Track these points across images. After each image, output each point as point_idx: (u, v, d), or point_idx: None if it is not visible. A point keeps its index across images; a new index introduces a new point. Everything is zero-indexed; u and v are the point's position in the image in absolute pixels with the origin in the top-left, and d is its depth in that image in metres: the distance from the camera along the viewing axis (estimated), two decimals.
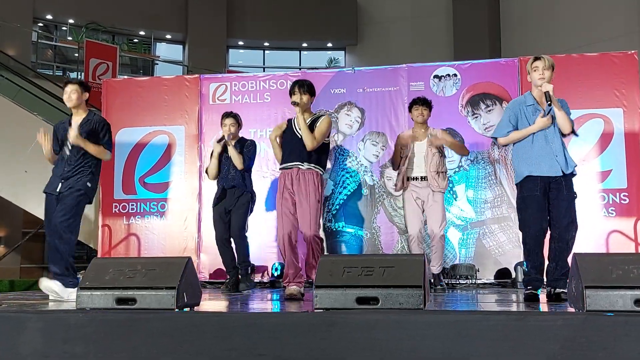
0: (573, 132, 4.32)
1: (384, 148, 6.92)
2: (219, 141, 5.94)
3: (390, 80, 6.99)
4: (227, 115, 5.90)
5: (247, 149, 5.84)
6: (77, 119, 5.11)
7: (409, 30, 17.92)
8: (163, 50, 19.13)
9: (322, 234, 5.23)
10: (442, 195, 5.64)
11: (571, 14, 15.02)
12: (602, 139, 6.40)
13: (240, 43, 19.23)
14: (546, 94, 4.16)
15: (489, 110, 6.74)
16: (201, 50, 17.76)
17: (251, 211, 5.88)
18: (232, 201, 5.76)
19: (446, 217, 5.71)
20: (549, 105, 4.20)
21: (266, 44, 19.32)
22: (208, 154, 7.22)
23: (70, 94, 5.10)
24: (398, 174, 5.79)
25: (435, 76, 6.91)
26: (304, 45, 19.35)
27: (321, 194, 4.91)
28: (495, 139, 4.51)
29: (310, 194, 4.79)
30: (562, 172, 4.19)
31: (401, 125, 6.86)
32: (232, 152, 5.71)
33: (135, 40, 18.57)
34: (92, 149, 5.04)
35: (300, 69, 17.66)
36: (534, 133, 4.27)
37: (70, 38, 17.30)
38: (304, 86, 4.94)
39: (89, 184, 5.07)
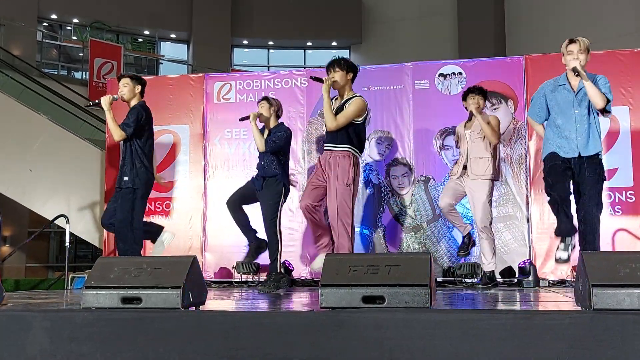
0: (605, 110, 4.29)
1: (389, 147, 6.91)
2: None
3: (395, 79, 6.97)
4: (262, 99, 5.89)
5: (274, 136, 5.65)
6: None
7: (414, 29, 17.90)
8: (167, 49, 19.14)
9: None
10: (485, 183, 5.52)
11: (577, 12, 14.96)
12: (608, 137, 6.37)
13: (245, 42, 19.24)
14: (573, 69, 4.20)
15: (495, 109, 6.72)
16: (206, 49, 17.77)
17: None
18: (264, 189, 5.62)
19: (489, 210, 5.54)
20: (577, 76, 4.20)
21: (271, 43, 19.32)
22: (213, 152, 7.24)
23: (122, 87, 5.25)
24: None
25: (441, 74, 6.89)
26: (309, 44, 19.34)
27: (352, 178, 4.90)
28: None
29: (338, 178, 4.84)
30: (579, 154, 4.26)
31: (406, 124, 6.85)
32: (254, 131, 5.60)
33: (140, 39, 18.59)
34: (109, 119, 5.19)
35: (305, 67, 17.64)
36: (560, 112, 4.39)
37: (74, 37, 17.34)
38: (334, 64, 4.99)
39: (136, 179, 5.27)
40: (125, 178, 5.24)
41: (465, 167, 5.64)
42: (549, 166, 4.41)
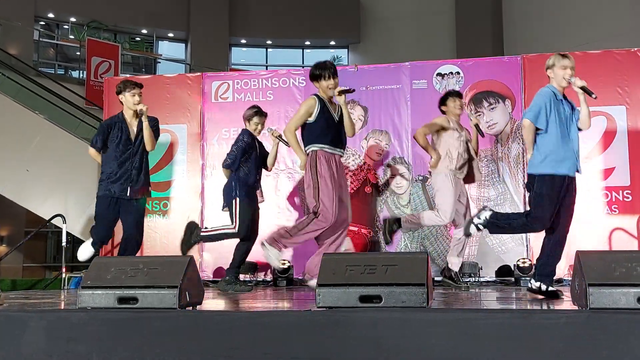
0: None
1: (387, 146, 6.92)
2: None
3: (393, 78, 6.97)
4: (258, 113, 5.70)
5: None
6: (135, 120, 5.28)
7: (412, 28, 17.89)
8: (165, 48, 19.12)
9: None
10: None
11: (574, 11, 14.97)
12: (605, 136, 6.39)
13: (243, 41, 19.22)
14: (584, 88, 4.08)
15: (492, 108, 6.73)
16: (203, 48, 17.75)
17: None
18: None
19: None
20: (591, 95, 4.07)
21: (269, 42, 19.31)
22: (211, 152, 7.22)
23: (139, 97, 5.23)
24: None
25: (438, 74, 6.89)
26: (307, 43, 19.33)
27: None
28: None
29: (347, 184, 5.06)
30: (577, 170, 4.21)
31: (404, 123, 6.86)
32: (273, 151, 5.64)
33: (137, 38, 18.57)
34: (147, 129, 5.18)
35: (303, 67, 17.63)
36: (561, 127, 4.20)
37: (72, 36, 17.31)
38: (334, 69, 4.96)
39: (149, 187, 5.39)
40: (151, 188, 5.35)
41: (464, 168, 5.64)
42: (549, 193, 4.15)
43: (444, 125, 5.68)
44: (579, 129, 4.26)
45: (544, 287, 4.10)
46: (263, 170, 5.70)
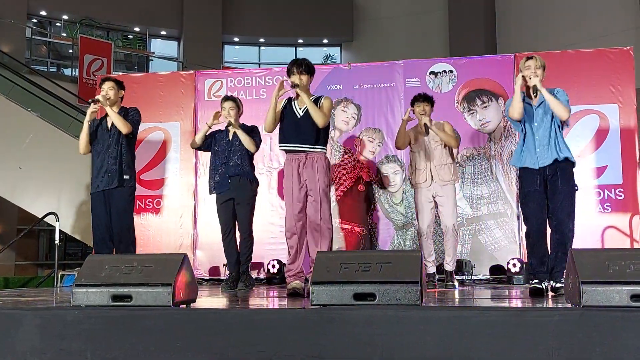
0: (565, 122, 4.41)
1: (380, 144, 6.92)
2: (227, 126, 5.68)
3: (387, 77, 6.98)
4: (225, 98, 5.71)
5: (254, 133, 5.64)
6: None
7: (405, 27, 17.90)
8: (158, 46, 19.05)
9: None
10: (452, 187, 5.51)
11: (567, 10, 15.02)
12: (598, 134, 6.41)
13: (236, 39, 19.18)
14: (534, 87, 4.28)
15: (485, 107, 6.75)
16: (196, 46, 17.68)
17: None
18: (238, 192, 5.54)
19: (456, 212, 5.59)
20: (535, 96, 4.31)
21: (262, 40, 19.27)
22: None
23: (107, 91, 5.13)
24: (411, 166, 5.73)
25: (432, 72, 6.90)
26: (300, 41, 19.30)
27: (330, 179, 4.88)
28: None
29: (320, 181, 4.72)
30: (555, 159, 4.27)
31: (397, 122, 6.86)
32: (242, 135, 5.48)
33: (130, 36, 18.49)
34: (113, 114, 5.09)
35: None
36: (525, 126, 4.40)
37: (64, 34, 17.21)
38: (302, 65, 4.78)
39: (133, 175, 5.29)
40: (126, 176, 5.15)
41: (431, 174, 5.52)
42: (525, 192, 4.40)
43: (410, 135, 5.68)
44: (560, 123, 4.36)
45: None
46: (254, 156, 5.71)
